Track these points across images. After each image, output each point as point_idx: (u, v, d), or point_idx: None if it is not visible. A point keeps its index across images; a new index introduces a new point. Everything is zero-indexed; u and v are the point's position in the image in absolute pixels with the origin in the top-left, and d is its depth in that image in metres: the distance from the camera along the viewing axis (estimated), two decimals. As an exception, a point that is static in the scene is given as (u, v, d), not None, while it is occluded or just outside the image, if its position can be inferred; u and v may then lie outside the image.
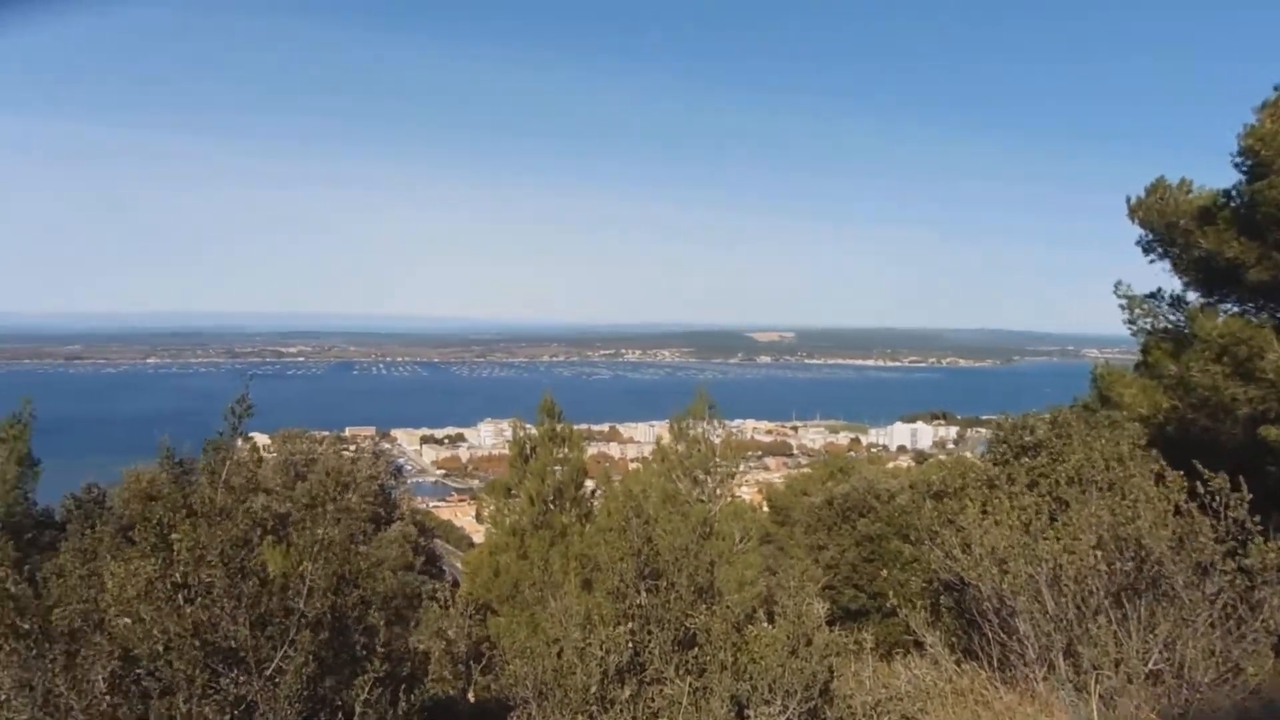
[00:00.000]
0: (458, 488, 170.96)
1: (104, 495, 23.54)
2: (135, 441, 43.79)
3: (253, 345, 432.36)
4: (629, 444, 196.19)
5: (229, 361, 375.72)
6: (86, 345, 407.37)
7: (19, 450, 23.03)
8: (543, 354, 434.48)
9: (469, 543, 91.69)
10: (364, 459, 36.53)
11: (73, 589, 6.82)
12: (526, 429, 24.15)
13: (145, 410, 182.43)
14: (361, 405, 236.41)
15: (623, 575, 9.54)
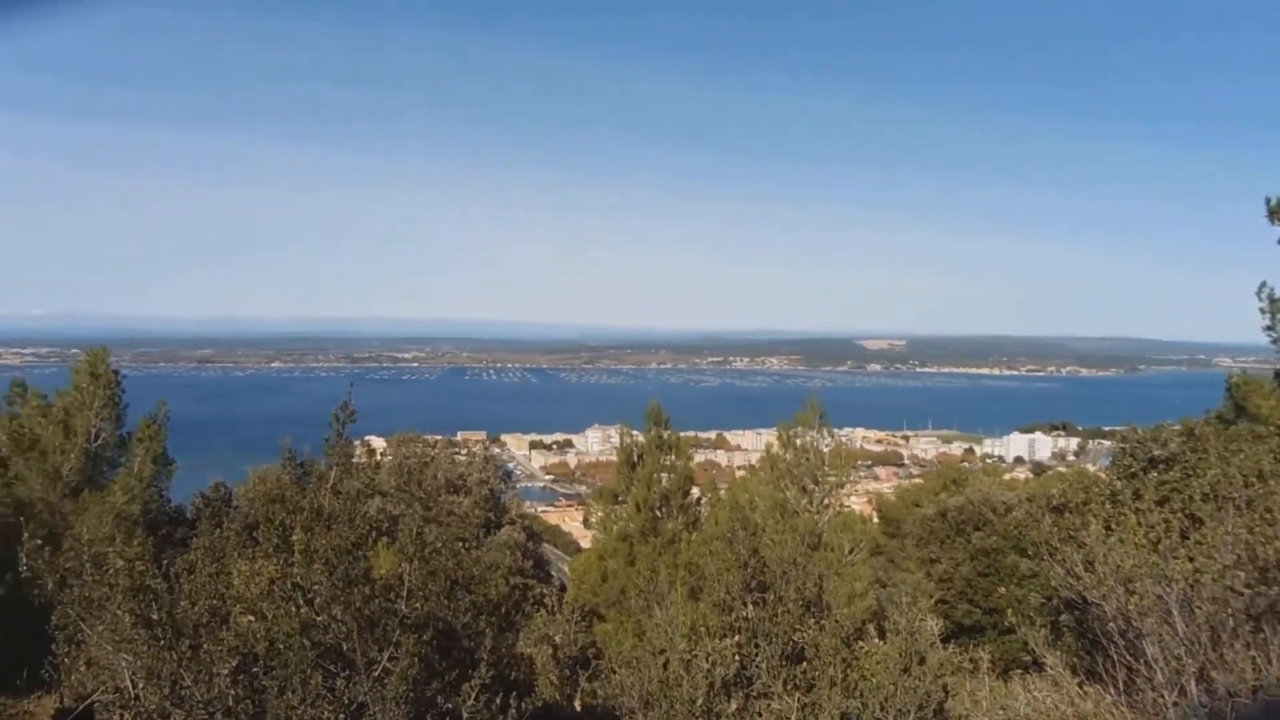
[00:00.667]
0: (565, 493, 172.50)
1: (230, 494, 24.59)
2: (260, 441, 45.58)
3: (369, 350, 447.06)
4: (736, 451, 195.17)
5: (347, 366, 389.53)
6: (217, 350, 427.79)
7: (154, 450, 24.25)
8: (650, 361, 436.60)
9: (576, 548, 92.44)
10: (475, 463, 37.19)
11: (202, 585, 7.08)
12: (634, 436, 24.19)
13: (269, 412, 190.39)
14: (472, 410, 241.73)
15: (729, 587, 9.44)
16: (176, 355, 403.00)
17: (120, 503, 22.16)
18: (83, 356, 24.29)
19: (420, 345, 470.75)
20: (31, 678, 10.65)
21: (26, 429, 23.15)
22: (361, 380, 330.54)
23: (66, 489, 22.70)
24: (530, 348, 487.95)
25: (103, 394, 23.22)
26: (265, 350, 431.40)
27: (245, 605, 6.67)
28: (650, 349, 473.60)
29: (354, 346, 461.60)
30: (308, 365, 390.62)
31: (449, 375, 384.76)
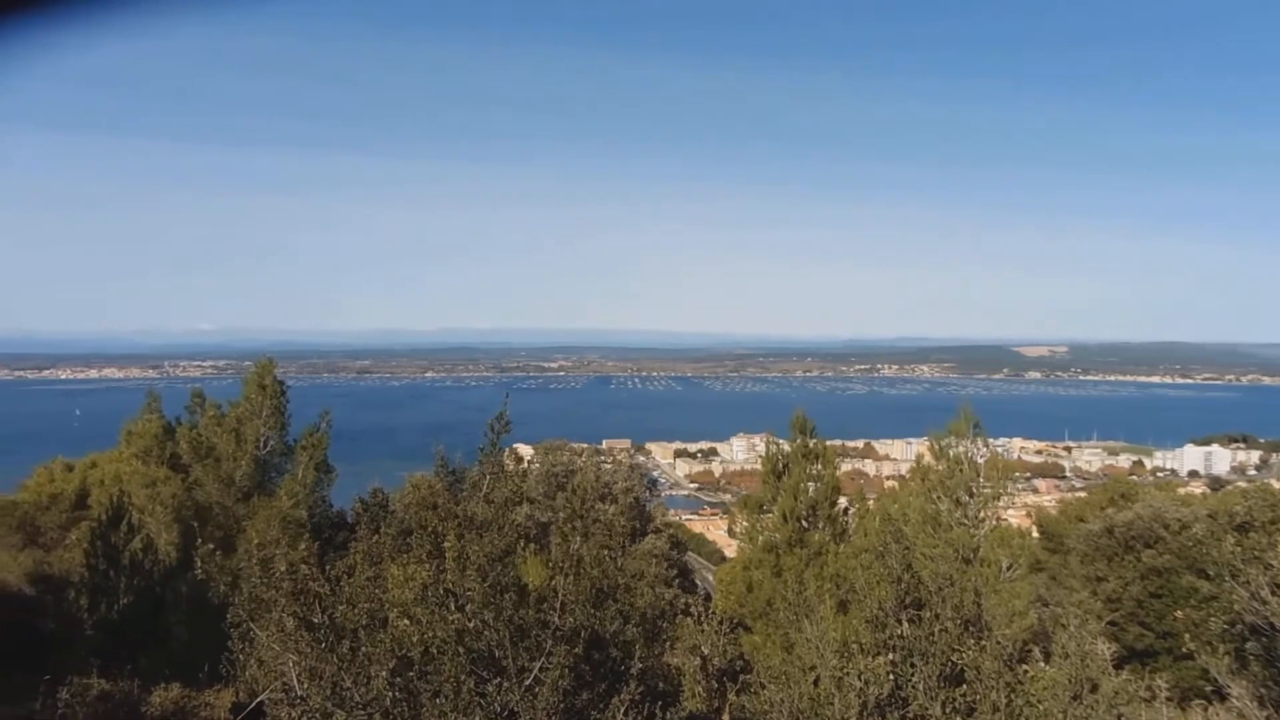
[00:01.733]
0: (710, 501, 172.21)
1: (387, 500, 25.60)
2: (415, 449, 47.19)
3: (518, 360, 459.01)
4: (885, 461, 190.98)
5: (497, 375, 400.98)
6: (375, 360, 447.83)
7: (317, 457, 25.55)
8: (796, 369, 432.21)
9: (721, 557, 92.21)
10: (620, 471, 37.55)
11: (360, 589, 7.36)
12: (779, 444, 23.97)
13: (423, 420, 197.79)
14: (618, 418, 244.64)
15: (881, 602, 9.16)
16: (338, 366, 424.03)
17: (286, 507, 23.45)
18: (253, 369, 25.85)
19: (567, 354, 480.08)
20: (212, 672, 11.33)
21: (204, 438, 24.80)
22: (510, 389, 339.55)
23: (239, 494, 24.19)
24: (675, 356, 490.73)
25: (270, 404, 24.63)
26: (420, 361, 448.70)
27: (401, 610, 6.89)
28: (796, 356, 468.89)
29: (503, 356, 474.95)
30: (459, 375, 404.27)
31: (595, 384, 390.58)
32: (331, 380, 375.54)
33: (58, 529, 25.53)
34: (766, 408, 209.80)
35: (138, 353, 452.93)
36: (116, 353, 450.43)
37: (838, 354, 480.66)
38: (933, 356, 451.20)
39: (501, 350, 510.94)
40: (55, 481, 27.78)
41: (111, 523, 19.93)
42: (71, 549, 22.70)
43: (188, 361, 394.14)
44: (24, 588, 23.50)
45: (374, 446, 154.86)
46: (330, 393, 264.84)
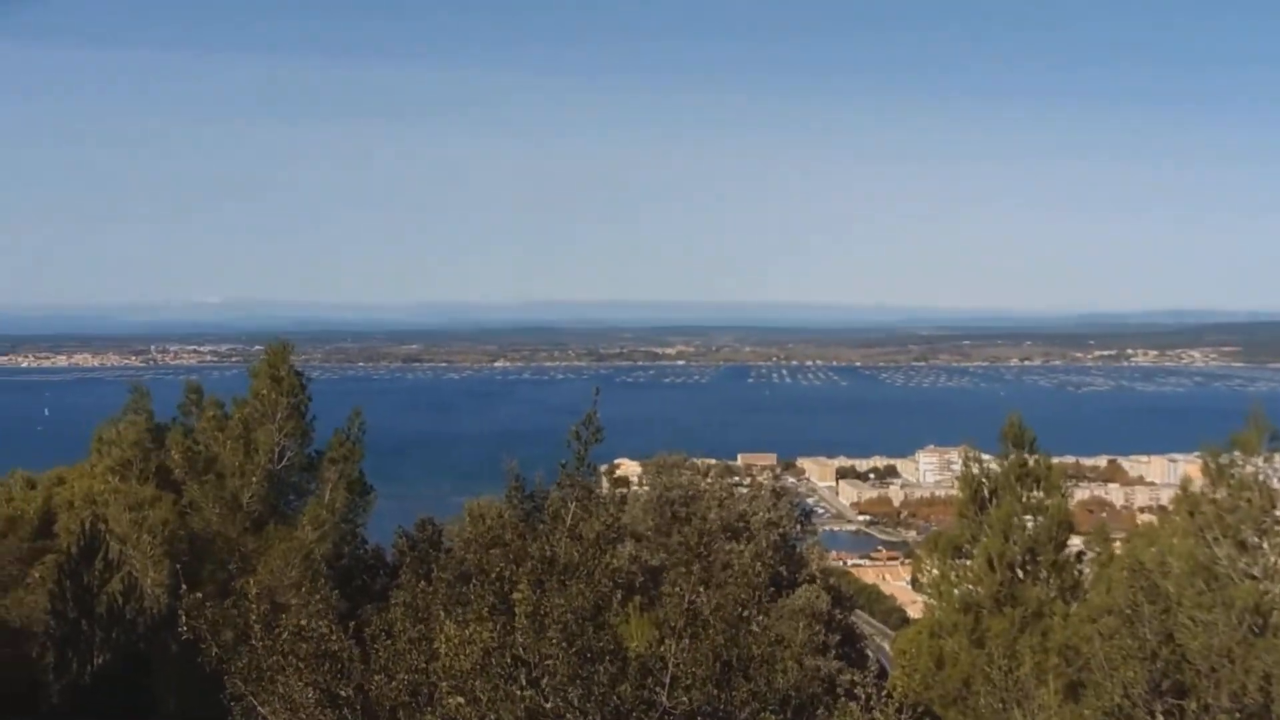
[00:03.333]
0: (886, 540, 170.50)
1: (440, 533, 26.09)
2: (478, 465, 47.52)
3: (620, 344, 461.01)
4: (1137, 486, 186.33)
5: (590, 365, 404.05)
6: (425, 345, 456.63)
7: (349, 474, 26.10)
8: (1009, 356, 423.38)
9: (901, 617, 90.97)
10: (761, 498, 37.30)
11: (401, 654, 7.48)
12: (983, 462, 23.65)
13: (492, 426, 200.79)
14: (758, 424, 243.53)
15: (1128, 687, 8.92)
16: (377, 353, 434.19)
17: (309, 540, 24.10)
18: (264, 356, 26.46)
19: (688, 337, 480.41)
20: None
21: (203, 446, 25.65)
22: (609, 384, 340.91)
23: (248, 521, 24.93)
24: (837, 339, 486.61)
25: (286, 403, 25.28)
26: (487, 345, 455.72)
27: (454, 682, 6.98)
28: (1009, 339, 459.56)
29: (600, 339, 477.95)
30: (540, 364, 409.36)
31: (726, 376, 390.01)
32: (369, 371, 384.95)
33: (16, 562, 26.72)
34: (966, 410, 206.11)
35: (120, 334, 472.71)
36: (93, 334, 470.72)
37: (1069, 335, 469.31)
38: (1207, 338, 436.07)
39: (599, 331, 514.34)
40: (14, 501, 29.17)
41: (84, 557, 20.83)
42: (34, 590, 23.76)
43: (181, 345, 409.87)
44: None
45: (424, 462, 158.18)
46: (367, 388, 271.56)
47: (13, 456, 45.96)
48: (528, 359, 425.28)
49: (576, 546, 7.44)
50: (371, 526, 27.74)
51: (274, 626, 7.80)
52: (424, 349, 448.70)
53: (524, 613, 6.98)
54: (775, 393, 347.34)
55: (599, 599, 7.13)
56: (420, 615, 7.86)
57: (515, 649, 6.99)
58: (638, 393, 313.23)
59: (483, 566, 7.32)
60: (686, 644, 7.24)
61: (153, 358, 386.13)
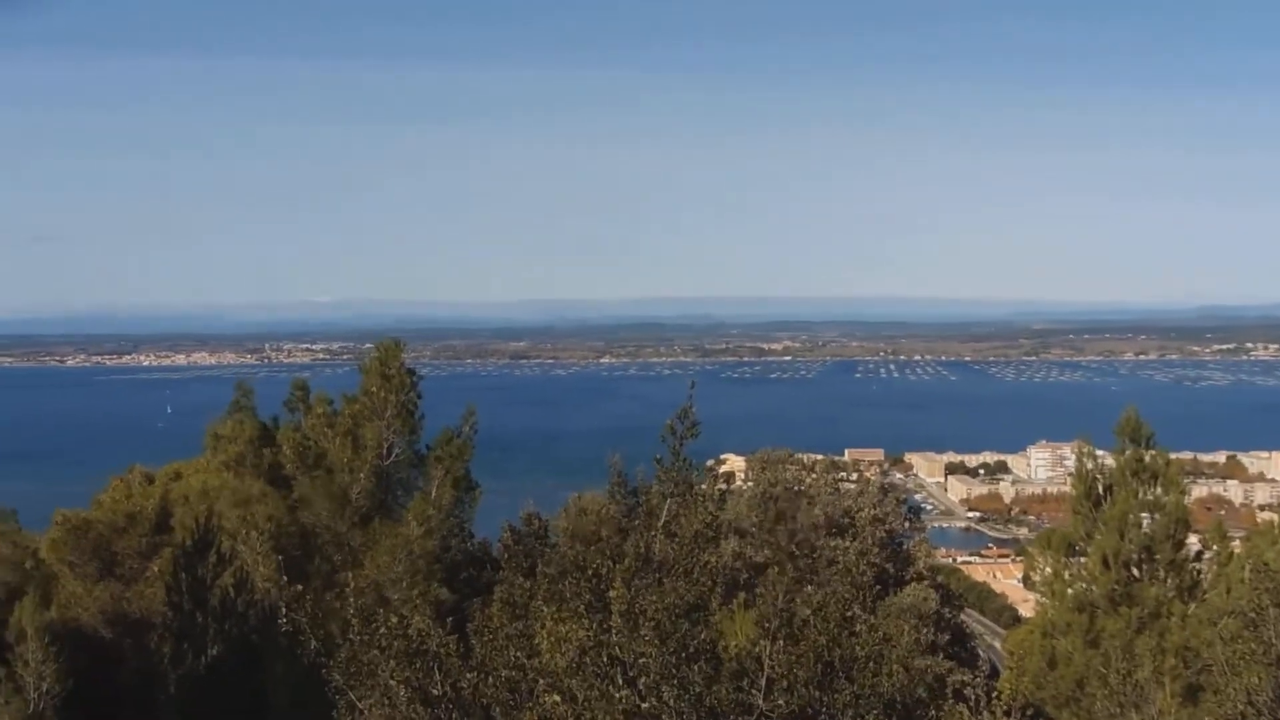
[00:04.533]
0: (997, 537, 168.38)
1: (545, 528, 26.16)
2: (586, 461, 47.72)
3: (726, 340, 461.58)
4: (1258, 484, 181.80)
5: (697, 361, 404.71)
6: (534, 342, 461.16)
7: (456, 470, 26.27)
8: (1123, 350, 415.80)
9: (1013, 616, 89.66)
10: (868, 494, 36.88)
11: (499, 650, 7.41)
12: (1098, 458, 23.29)
13: (598, 422, 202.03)
14: (865, 419, 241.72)
15: (1252, 692, 8.55)
16: (485, 349, 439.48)
17: (415, 535, 24.27)
18: (374, 353, 26.72)
19: (794, 332, 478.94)
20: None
21: (312, 443, 25.99)
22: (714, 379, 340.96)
23: (355, 516, 25.21)
24: (947, 333, 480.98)
25: (395, 400, 25.49)
26: (594, 342, 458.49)
27: (550, 681, 6.90)
28: (1123, 332, 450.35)
29: (706, 335, 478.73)
30: (646, 360, 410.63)
31: (833, 372, 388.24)
32: (477, 368, 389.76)
33: (137, 556, 27.40)
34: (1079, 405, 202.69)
35: (235, 333, 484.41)
36: (210, 334, 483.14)
37: (1186, 328, 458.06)
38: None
39: (704, 327, 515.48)
40: (133, 497, 29.83)
41: (197, 552, 21.29)
42: (153, 583, 24.36)
43: (294, 344, 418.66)
44: (100, 629, 25.48)
45: (531, 457, 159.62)
46: (475, 384, 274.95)
47: (134, 452, 47.27)
48: (634, 355, 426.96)
49: (672, 544, 7.31)
50: (479, 521, 27.94)
51: (372, 621, 7.78)
52: (531, 346, 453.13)
53: (619, 610, 6.86)
54: (882, 388, 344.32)
55: (696, 597, 7.00)
56: (518, 612, 7.79)
57: (611, 647, 6.88)
58: (743, 388, 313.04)
59: (578, 563, 7.22)
60: (783, 645, 7.05)
61: (267, 356, 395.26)
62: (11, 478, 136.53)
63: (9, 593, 25.15)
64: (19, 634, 20.78)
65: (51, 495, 44.82)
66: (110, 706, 22.24)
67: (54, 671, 20.39)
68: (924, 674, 23.51)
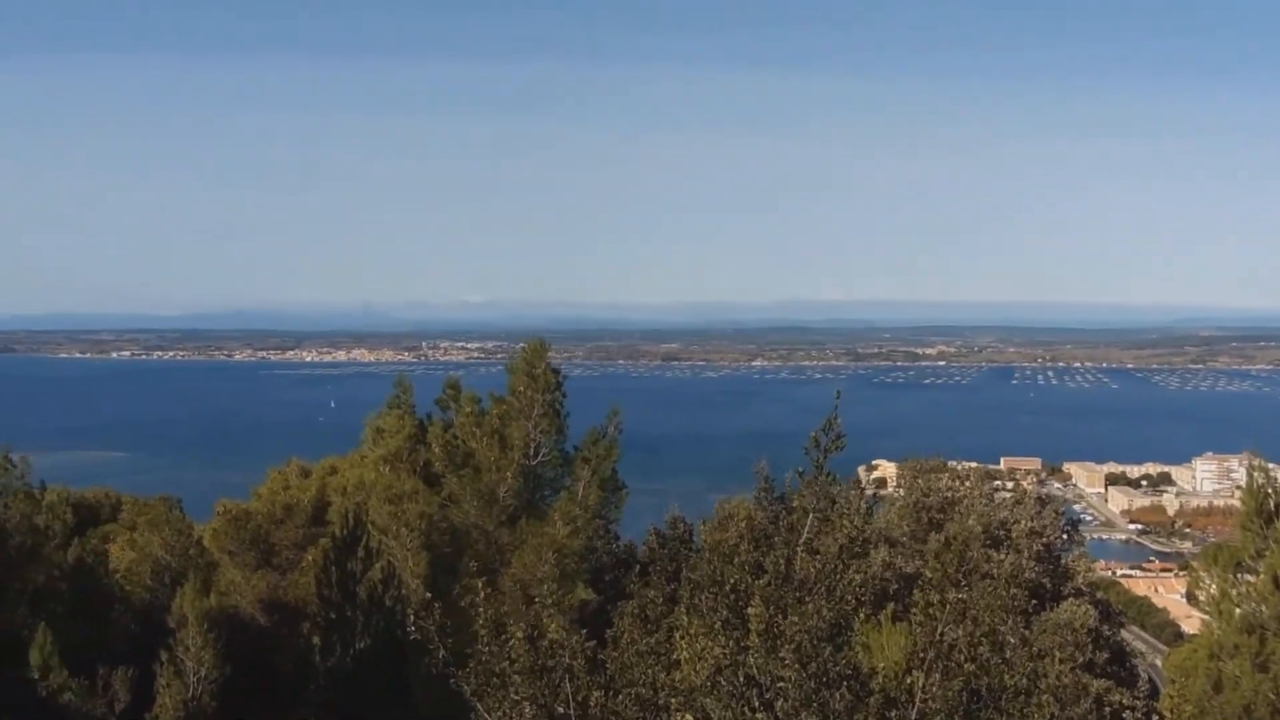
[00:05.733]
0: (1159, 551, 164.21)
1: (691, 532, 26.00)
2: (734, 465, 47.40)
3: (879, 345, 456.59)
4: None
5: (849, 365, 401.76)
6: (685, 343, 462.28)
7: (603, 471, 26.27)
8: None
9: (1174, 633, 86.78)
10: (1024, 505, 35.90)
11: (630, 665, 7.22)
12: (1269, 470, 22.27)
13: (747, 425, 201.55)
14: (1022, 427, 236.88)
15: None
16: (636, 351, 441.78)
17: (561, 536, 24.30)
18: (521, 353, 26.86)
19: (948, 337, 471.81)
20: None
21: (461, 441, 26.26)
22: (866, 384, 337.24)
23: (503, 515, 25.38)
24: (1108, 339, 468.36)
25: (541, 400, 25.59)
26: (745, 344, 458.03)
27: (684, 699, 6.68)
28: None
29: (858, 339, 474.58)
30: (797, 363, 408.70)
31: (989, 378, 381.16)
32: (627, 368, 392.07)
33: (293, 547, 28.11)
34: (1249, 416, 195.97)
35: (393, 331, 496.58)
36: (369, 331, 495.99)
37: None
38: None
39: (857, 331, 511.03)
40: (290, 489, 30.59)
41: (347, 546, 21.67)
42: (307, 573, 24.95)
43: (449, 342, 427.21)
44: (258, 616, 26.21)
45: (679, 459, 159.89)
46: (623, 386, 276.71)
47: (295, 445, 48.53)
48: (785, 358, 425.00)
49: (814, 561, 7.02)
50: (625, 523, 27.94)
51: (501, 633, 7.66)
52: (682, 347, 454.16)
53: (757, 630, 6.60)
54: (1040, 395, 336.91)
55: (838, 618, 6.69)
56: (651, 626, 7.59)
57: (748, 667, 6.62)
58: (896, 393, 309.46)
59: (716, 578, 6.98)
60: (936, 676, 6.71)
61: (423, 353, 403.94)
62: (180, 467, 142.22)
63: (172, 579, 26.00)
64: (180, 619, 21.39)
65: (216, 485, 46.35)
66: (265, 693, 22.79)
67: (212, 657, 20.95)
68: (1082, 693, 22.74)
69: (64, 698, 19.47)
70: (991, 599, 7.19)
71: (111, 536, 31.45)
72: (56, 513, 25.10)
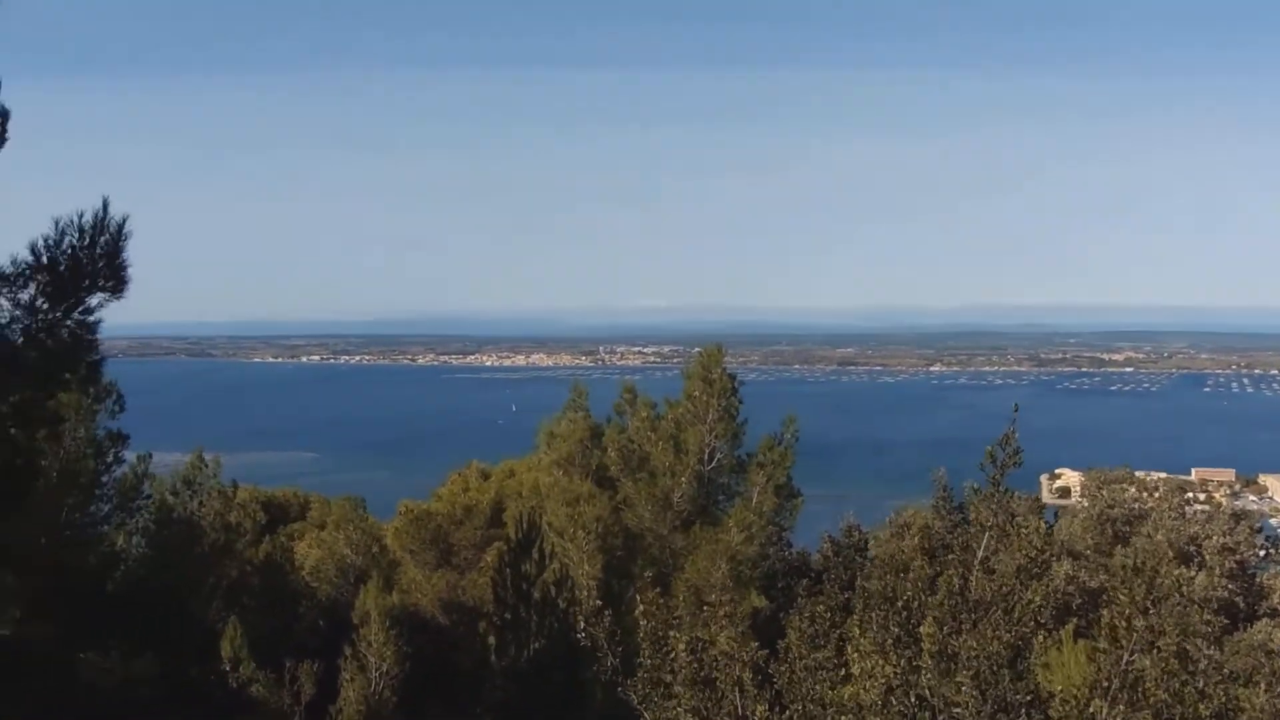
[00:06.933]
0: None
1: (866, 541, 25.64)
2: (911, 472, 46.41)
3: (1063, 350, 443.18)
4: None
5: (1031, 371, 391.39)
6: (862, 348, 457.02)
7: (777, 478, 26.05)
8: None
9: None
10: (1217, 520, 34.49)
11: (798, 681, 7.09)
12: None
13: (925, 432, 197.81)
14: (1215, 437, 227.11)
15: None
16: (812, 355, 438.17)
17: (735, 542, 24.20)
18: (697, 358, 26.85)
19: (1137, 343, 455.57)
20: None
21: (636, 445, 26.38)
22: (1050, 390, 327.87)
23: (677, 520, 25.41)
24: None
25: (716, 404, 25.53)
26: (923, 349, 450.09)
27: (850, 718, 6.51)
28: None
29: (1041, 344, 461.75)
30: (978, 369, 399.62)
31: (1180, 385, 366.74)
32: (804, 373, 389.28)
33: (471, 548, 28.69)
34: None
35: (572, 335, 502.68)
36: (548, 335, 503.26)
37: None
38: None
39: (1040, 336, 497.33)
40: (469, 491, 31.19)
41: (523, 548, 22.00)
42: (485, 573, 25.42)
43: (627, 347, 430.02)
44: (437, 615, 26.79)
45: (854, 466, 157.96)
46: (799, 391, 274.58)
47: (475, 447, 49.60)
48: (965, 363, 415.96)
49: (990, 581, 6.77)
50: (799, 529, 27.67)
51: (663, 645, 7.60)
52: (859, 352, 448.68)
53: (930, 650, 6.39)
54: (1234, 403, 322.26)
55: (1016, 640, 6.44)
56: (817, 641, 7.43)
57: (920, 688, 6.42)
58: (1081, 400, 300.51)
59: (886, 595, 6.79)
60: (1121, 709, 6.39)
61: (601, 358, 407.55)
62: (365, 467, 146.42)
63: (356, 577, 26.76)
64: (363, 616, 21.96)
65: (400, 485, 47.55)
66: (443, 690, 23.26)
67: (393, 653, 21.46)
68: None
69: (253, 689, 20.16)
70: (1183, 623, 6.85)
71: (299, 535, 32.56)
72: (248, 511, 26.12)
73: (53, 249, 11.00)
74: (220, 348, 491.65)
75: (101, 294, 11.32)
